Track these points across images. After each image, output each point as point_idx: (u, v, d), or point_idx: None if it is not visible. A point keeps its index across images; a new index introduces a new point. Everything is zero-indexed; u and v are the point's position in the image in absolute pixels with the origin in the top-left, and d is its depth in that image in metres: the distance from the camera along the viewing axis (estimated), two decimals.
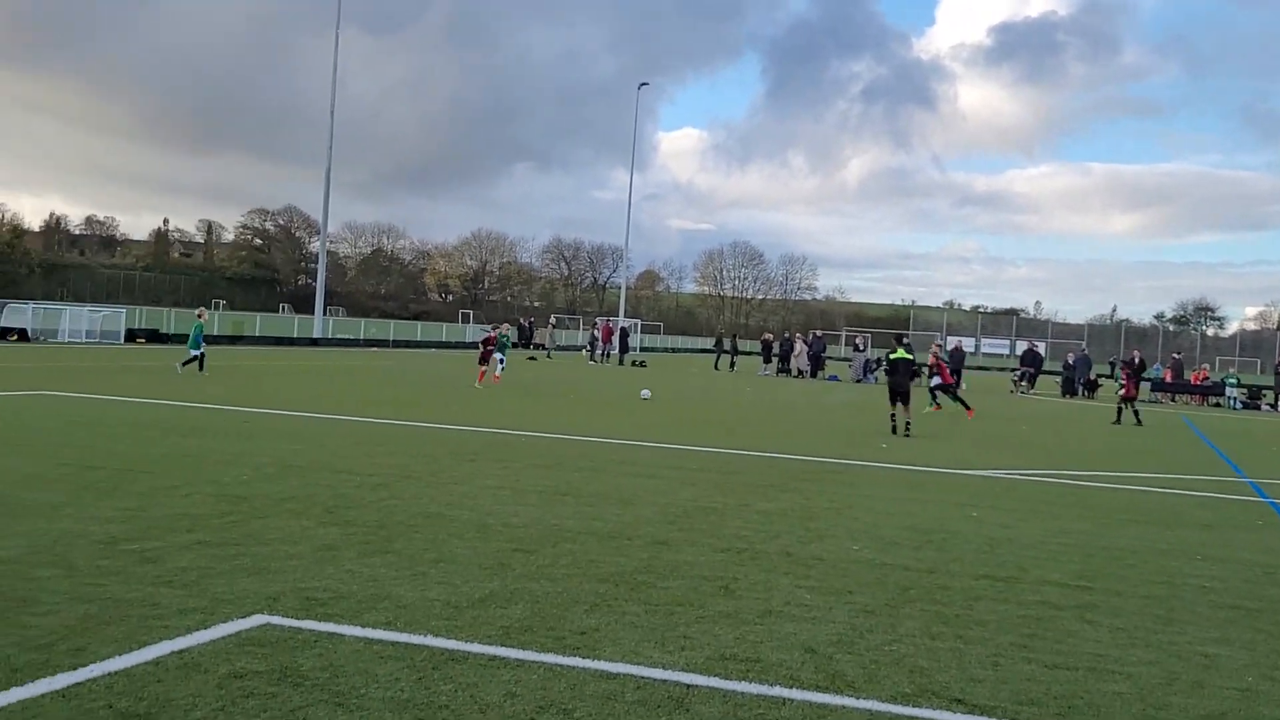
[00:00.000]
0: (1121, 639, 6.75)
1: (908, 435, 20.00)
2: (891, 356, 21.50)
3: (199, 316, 27.73)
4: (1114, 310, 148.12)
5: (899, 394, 20.68)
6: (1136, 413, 27.77)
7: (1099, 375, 46.20)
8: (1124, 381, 28.61)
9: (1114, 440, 22.79)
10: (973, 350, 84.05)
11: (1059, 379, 45.98)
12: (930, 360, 28.92)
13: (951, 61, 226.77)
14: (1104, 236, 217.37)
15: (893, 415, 20.63)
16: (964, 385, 45.60)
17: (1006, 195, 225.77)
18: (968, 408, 27.26)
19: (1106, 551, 9.65)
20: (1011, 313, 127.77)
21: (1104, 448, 20.81)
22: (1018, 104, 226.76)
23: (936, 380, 28.46)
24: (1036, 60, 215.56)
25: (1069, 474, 15.56)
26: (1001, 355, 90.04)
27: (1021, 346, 59.11)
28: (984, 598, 7.62)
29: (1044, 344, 76.76)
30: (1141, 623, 7.19)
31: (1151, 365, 51.05)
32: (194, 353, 26.03)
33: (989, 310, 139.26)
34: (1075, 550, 9.61)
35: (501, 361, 28.82)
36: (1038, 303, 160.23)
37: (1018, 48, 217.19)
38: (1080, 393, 43.42)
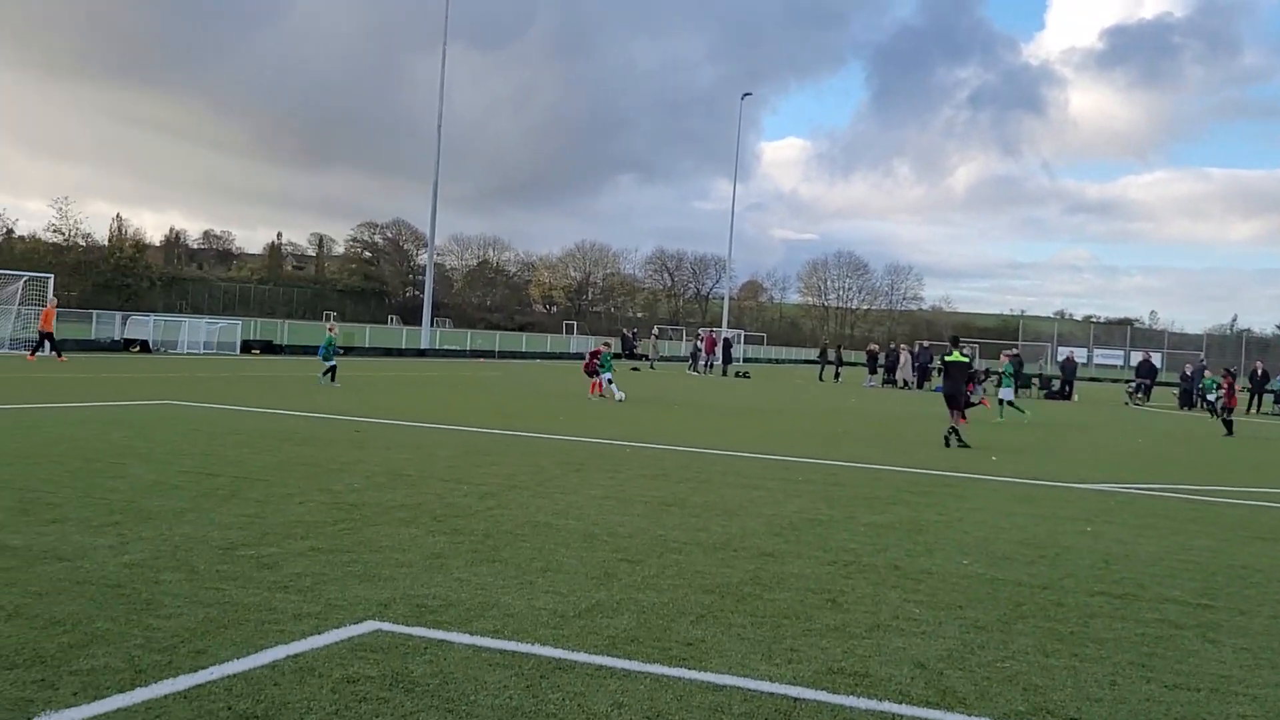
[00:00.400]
0: (1247, 660, 6.52)
1: (964, 446, 18.98)
2: (947, 359, 20.24)
3: (329, 330, 29.42)
4: (1234, 320, 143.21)
5: (949, 399, 19.75)
6: (1228, 422, 27.60)
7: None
8: (1224, 391, 28.18)
9: (1234, 453, 22.06)
10: (1085, 361, 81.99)
11: (1176, 390, 44.72)
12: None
13: (1062, 66, 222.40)
14: (1223, 244, 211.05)
15: (953, 428, 19.50)
16: (1075, 397, 44.66)
17: (1120, 202, 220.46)
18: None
19: (1230, 569, 9.33)
20: (1125, 323, 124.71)
21: (1224, 461, 20.16)
22: (1131, 109, 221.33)
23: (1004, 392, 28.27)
24: (1151, 63, 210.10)
25: (1188, 488, 15.10)
26: (1115, 366, 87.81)
27: (1136, 357, 57.58)
28: (1100, 615, 7.43)
29: (1160, 355, 74.70)
30: (1268, 643, 6.93)
31: (1276, 377, 49.30)
32: (328, 364, 27.72)
33: (1102, 320, 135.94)
34: (1196, 567, 9.31)
35: (610, 380, 28.42)
36: (1153, 312, 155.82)
37: (1131, 51, 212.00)
38: (1198, 404, 42.14)
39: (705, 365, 53.26)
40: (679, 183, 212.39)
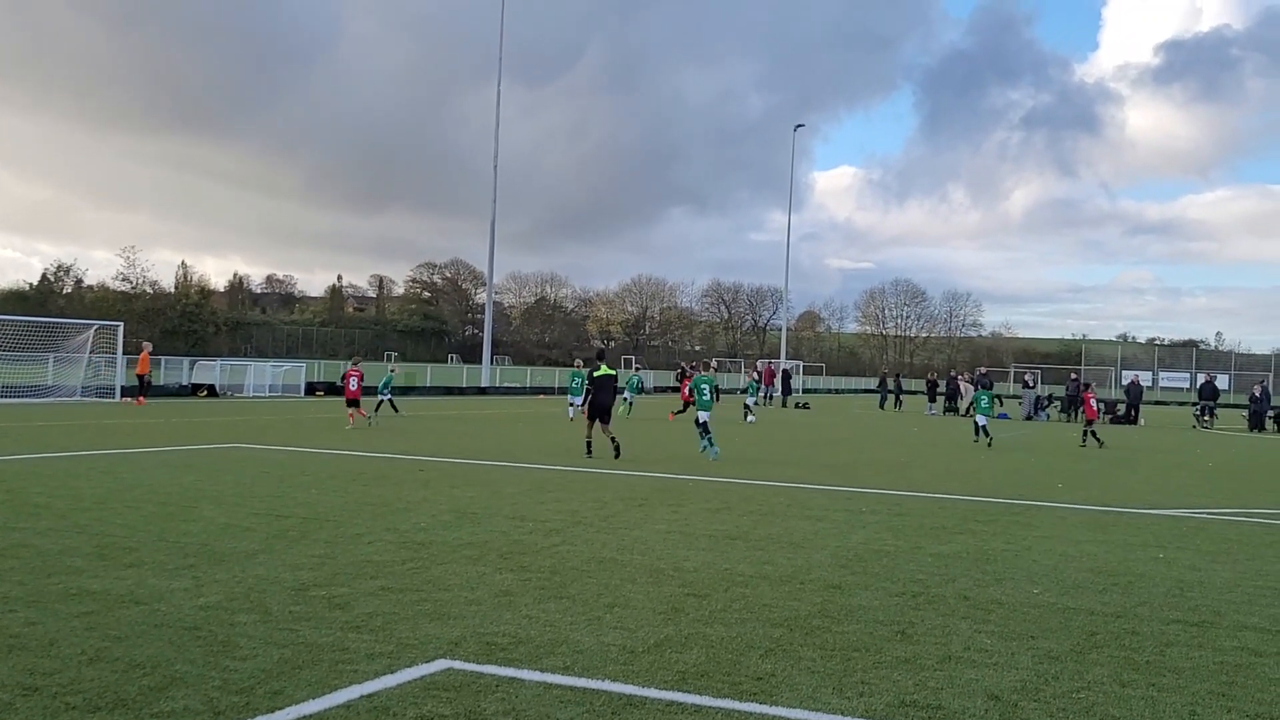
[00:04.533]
0: None
1: (617, 456, 19.37)
2: (595, 374, 20.69)
3: (391, 370, 33.00)
4: None
5: (600, 412, 20.13)
6: (1094, 434, 27.64)
7: None
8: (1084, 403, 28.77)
9: None
10: (1150, 384, 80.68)
11: (1245, 412, 43.86)
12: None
13: (1116, 83, 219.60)
14: None
15: (589, 438, 20.19)
16: (1142, 421, 43.94)
17: (1181, 222, 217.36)
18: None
19: None
20: (1190, 344, 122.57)
21: None
22: (1191, 126, 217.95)
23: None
24: (1210, 78, 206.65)
25: (1262, 513, 14.81)
26: (1181, 389, 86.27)
27: (1202, 380, 56.63)
28: (1177, 643, 7.31)
29: (1227, 376, 73.41)
30: None
31: None
32: (381, 398, 30.56)
33: (1166, 343, 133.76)
34: (1274, 593, 9.13)
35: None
36: (1219, 333, 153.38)
37: (1189, 66, 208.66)
38: (1266, 426, 41.39)
39: (765, 396, 53.09)
40: (733, 214, 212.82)
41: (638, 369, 39.80)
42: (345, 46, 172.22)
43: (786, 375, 56.95)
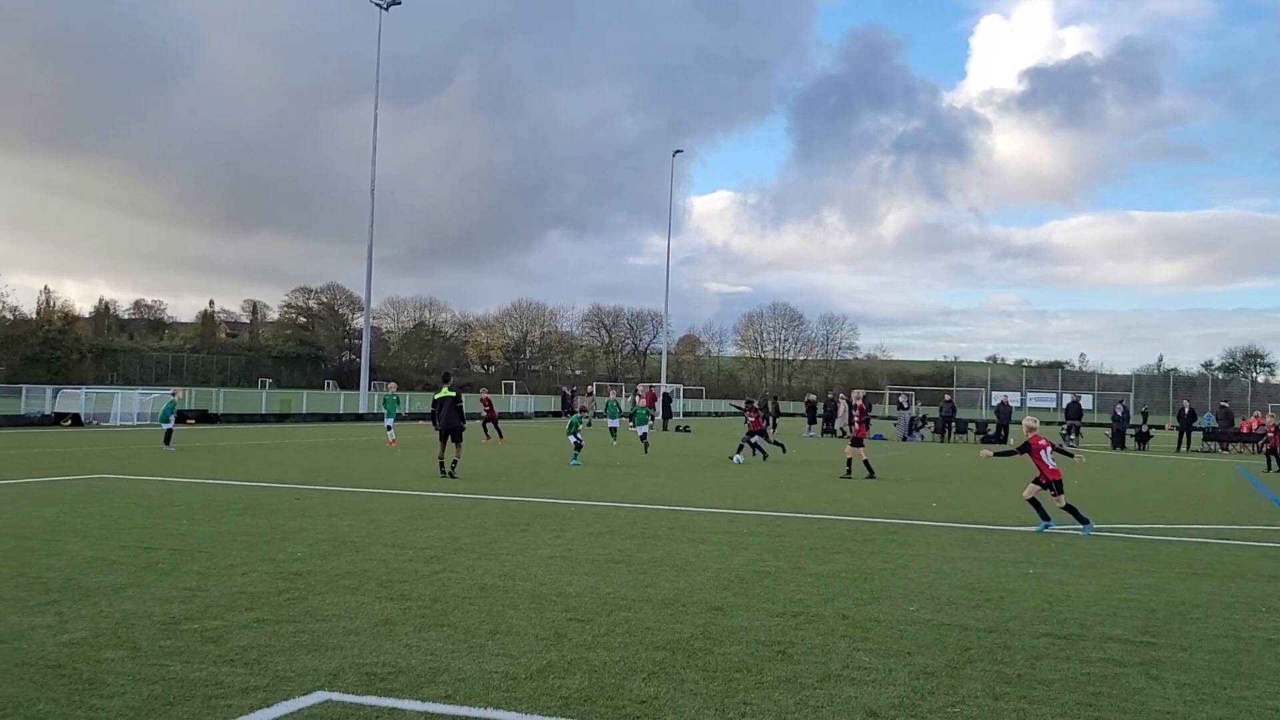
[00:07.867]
0: (1189, 695, 6.64)
1: (453, 475, 20.31)
2: (437, 396, 21.54)
3: (173, 395, 30.88)
4: (1160, 360, 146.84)
5: (449, 432, 20.84)
6: (866, 463, 23.38)
7: (1151, 426, 45.66)
8: (857, 421, 24.05)
9: (1170, 492, 22.46)
10: (1018, 404, 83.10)
11: (1108, 431, 45.51)
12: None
13: (983, 107, 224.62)
14: (1148, 285, 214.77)
15: (441, 458, 20.90)
16: (1011, 440, 45.25)
17: (1047, 247, 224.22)
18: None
19: (1169, 606, 9.51)
20: (1056, 365, 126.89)
21: (1160, 500, 20.52)
22: (1055, 153, 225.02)
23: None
24: (1073, 105, 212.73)
25: (1125, 527, 15.35)
26: (1048, 409, 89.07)
27: (1067, 400, 58.64)
28: (1046, 656, 7.53)
29: (1091, 396, 76.17)
30: (1209, 678, 7.07)
31: (1203, 414, 50.52)
32: (166, 427, 28.17)
33: (1033, 364, 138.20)
34: (1137, 606, 9.48)
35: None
36: (1083, 355, 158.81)
37: (1052, 93, 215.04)
38: (1127, 444, 43.03)
39: None
40: (611, 238, 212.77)
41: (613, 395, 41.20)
42: (205, 64, 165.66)
43: (667, 399, 57.28)
